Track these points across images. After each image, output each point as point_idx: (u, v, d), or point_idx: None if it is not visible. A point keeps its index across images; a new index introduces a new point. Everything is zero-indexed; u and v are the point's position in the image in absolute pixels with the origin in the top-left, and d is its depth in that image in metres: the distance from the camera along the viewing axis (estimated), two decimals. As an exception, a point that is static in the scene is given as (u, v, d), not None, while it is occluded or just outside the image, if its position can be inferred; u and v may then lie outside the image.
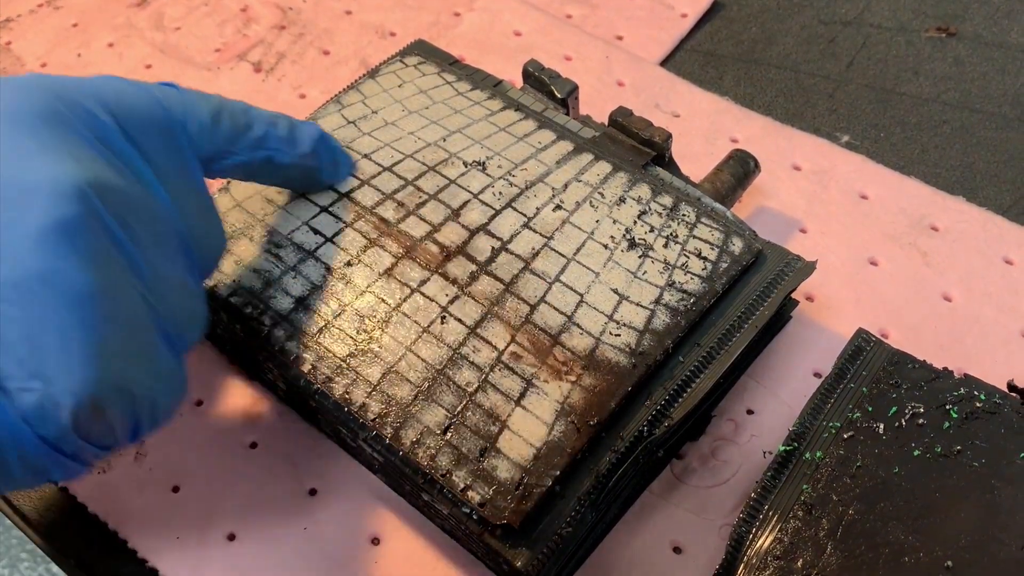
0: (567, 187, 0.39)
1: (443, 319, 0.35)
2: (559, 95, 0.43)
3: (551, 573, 0.33)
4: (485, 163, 0.39)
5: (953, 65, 0.54)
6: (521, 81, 0.45)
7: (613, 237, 0.37)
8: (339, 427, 0.35)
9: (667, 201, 0.39)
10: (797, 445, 0.34)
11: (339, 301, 0.36)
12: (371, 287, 0.36)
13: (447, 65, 0.45)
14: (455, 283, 0.36)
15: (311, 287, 0.36)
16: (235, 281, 0.37)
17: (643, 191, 0.39)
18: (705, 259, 0.37)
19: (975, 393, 0.35)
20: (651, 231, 0.38)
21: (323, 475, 0.38)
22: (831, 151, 0.49)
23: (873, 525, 0.32)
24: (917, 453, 0.33)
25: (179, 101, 0.32)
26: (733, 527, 0.33)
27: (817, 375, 0.40)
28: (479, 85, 0.44)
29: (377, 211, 0.38)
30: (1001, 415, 0.34)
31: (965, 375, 0.36)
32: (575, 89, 0.43)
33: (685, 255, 0.37)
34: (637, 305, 0.35)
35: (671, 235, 0.38)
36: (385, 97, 0.43)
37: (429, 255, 0.36)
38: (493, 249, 0.37)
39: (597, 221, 0.38)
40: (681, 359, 0.35)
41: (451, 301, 0.35)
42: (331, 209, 0.38)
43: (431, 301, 0.35)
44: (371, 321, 0.35)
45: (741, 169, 0.44)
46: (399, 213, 0.38)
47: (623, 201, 0.38)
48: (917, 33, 0.56)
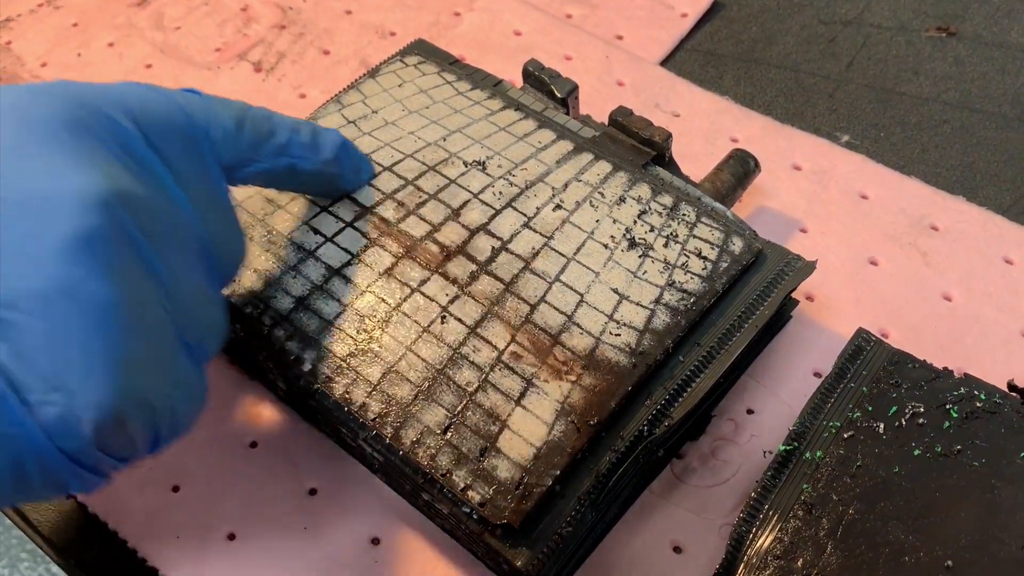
0: (567, 187, 0.39)
1: (443, 319, 0.35)
2: (559, 95, 0.43)
3: (551, 573, 0.33)
4: (485, 163, 0.39)
5: (953, 65, 0.54)
6: (521, 81, 0.45)
7: (613, 237, 0.37)
8: (339, 427, 0.35)
9: (667, 201, 0.39)
10: (797, 445, 0.34)
11: (339, 301, 0.36)
12: (371, 287, 0.36)
13: (447, 65, 0.45)
14: (455, 283, 0.36)
15: (311, 287, 0.36)
16: (235, 281, 0.37)
17: (643, 191, 0.39)
18: (705, 259, 0.37)
19: (975, 393, 0.35)
20: (651, 231, 0.38)
21: (323, 475, 0.38)
22: (831, 151, 0.49)
23: (873, 525, 0.32)
24: (917, 453, 0.33)
25: (202, 108, 0.32)
26: (733, 527, 0.33)
27: (817, 375, 0.40)
28: (479, 85, 0.44)
29: (377, 211, 0.38)
30: (1001, 415, 0.34)
31: (965, 375, 0.36)
32: (575, 89, 0.43)
33: (685, 255, 0.37)
34: (637, 305, 0.35)
35: (671, 235, 0.38)
36: (385, 97, 0.43)
37: (429, 255, 0.36)
38: (493, 249, 0.37)
39: (597, 221, 0.38)
40: (681, 359, 0.35)
41: (451, 301, 0.35)
42: (331, 209, 0.38)
43: (431, 301, 0.35)
44: (371, 321, 0.35)
45: (741, 169, 0.44)
46: (399, 213, 0.38)
47: (623, 201, 0.38)
48: (917, 33, 0.56)
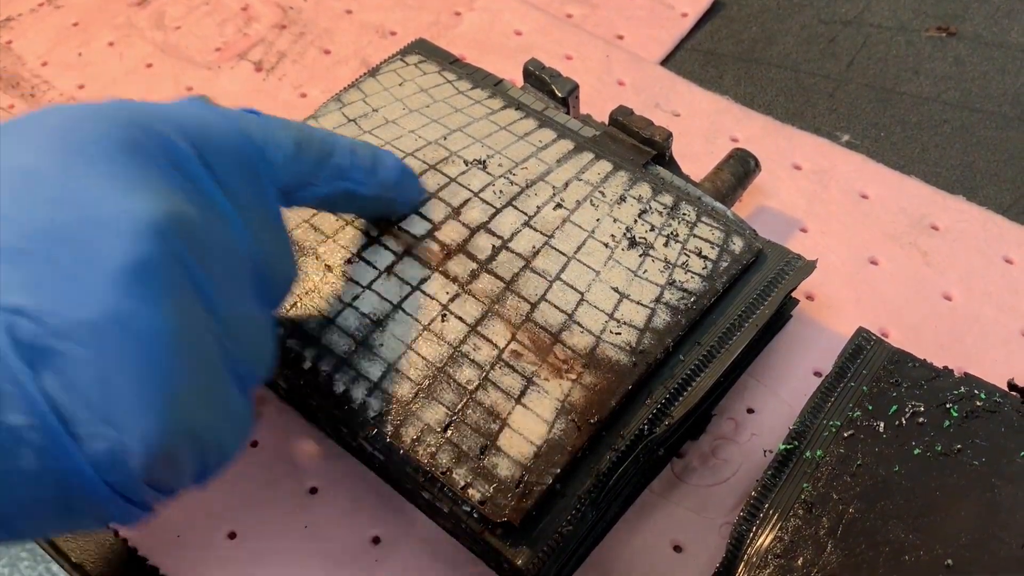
0: (568, 186, 0.39)
1: (443, 317, 0.35)
2: (560, 94, 0.43)
3: (551, 571, 0.33)
4: (486, 161, 0.39)
5: (953, 64, 0.54)
6: (521, 80, 0.45)
7: (614, 236, 0.37)
8: (339, 426, 0.35)
9: (667, 200, 0.39)
10: (797, 444, 0.34)
11: (339, 299, 0.36)
12: (371, 284, 0.36)
13: (448, 64, 0.45)
14: (456, 281, 0.36)
15: (312, 285, 0.36)
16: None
17: (643, 190, 0.39)
18: (705, 258, 0.37)
19: (975, 392, 0.35)
20: (651, 230, 0.38)
21: (323, 474, 0.38)
22: (831, 150, 0.49)
23: (873, 524, 0.32)
24: (917, 452, 0.33)
25: (260, 129, 0.30)
26: (733, 526, 0.33)
27: (817, 374, 0.40)
28: (480, 84, 0.44)
29: (378, 209, 0.38)
30: (1001, 414, 0.34)
31: (965, 374, 0.36)
32: (576, 88, 0.43)
33: (685, 254, 0.37)
34: (637, 304, 0.35)
35: (671, 234, 0.38)
36: (386, 95, 0.43)
37: (429, 253, 0.36)
38: (494, 247, 0.37)
39: (598, 220, 0.38)
40: (682, 358, 0.35)
41: (452, 299, 0.35)
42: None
43: (431, 299, 0.35)
44: (372, 319, 0.35)
45: (741, 168, 0.44)
46: (400, 211, 0.38)
47: (624, 200, 0.38)
48: (917, 33, 0.56)
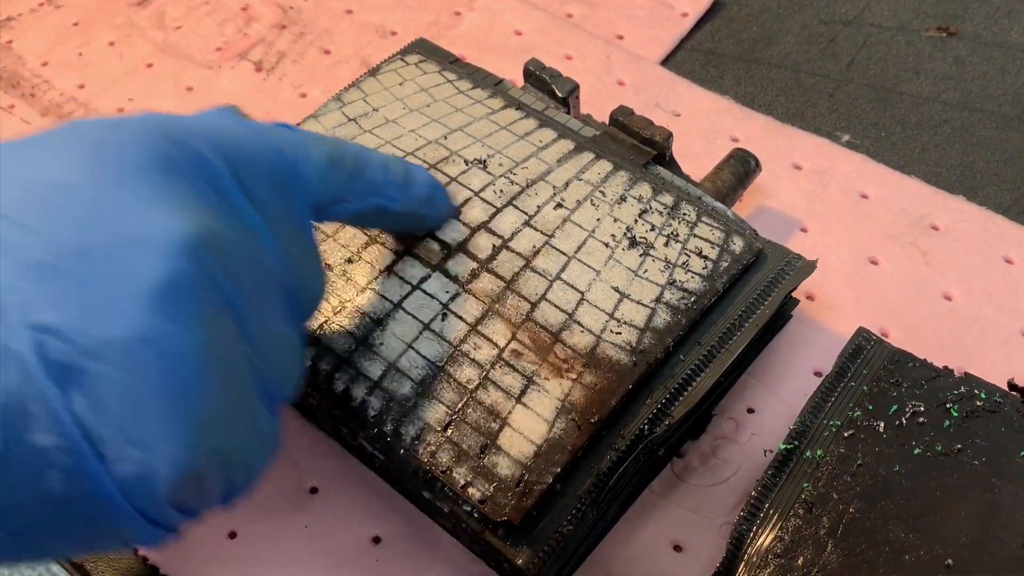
0: (568, 185, 0.39)
1: (444, 316, 0.35)
2: (560, 94, 0.43)
3: (552, 571, 0.33)
4: (486, 161, 0.39)
5: (953, 65, 0.54)
6: (522, 80, 0.45)
7: (614, 235, 0.37)
8: (339, 425, 0.35)
9: (668, 200, 0.39)
10: (798, 443, 0.34)
11: (340, 298, 0.36)
12: (372, 284, 0.36)
13: (448, 64, 0.45)
14: (456, 280, 0.36)
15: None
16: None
17: (644, 190, 0.39)
18: (706, 258, 0.37)
19: (975, 392, 0.35)
20: (652, 230, 0.38)
21: (324, 473, 0.38)
22: (831, 150, 0.49)
23: (874, 523, 0.32)
24: (918, 451, 0.33)
25: (293, 144, 0.30)
26: (734, 525, 0.33)
27: (817, 374, 0.40)
28: (480, 83, 0.44)
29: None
30: (1001, 414, 0.34)
31: (965, 374, 0.36)
32: (576, 88, 0.43)
33: (686, 254, 0.37)
34: (638, 303, 0.35)
35: (672, 234, 0.38)
36: (386, 95, 0.43)
37: (430, 252, 0.36)
38: (494, 247, 0.37)
39: (598, 219, 0.38)
40: (682, 357, 0.35)
41: (452, 298, 0.35)
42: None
43: (432, 298, 0.35)
44: (372, 318, 0.35)
45: (742, 168, 0.44)
46: (400, 211, 0.38)
47: (624, 200, 0.38)
48: (917, 33, 0.56)
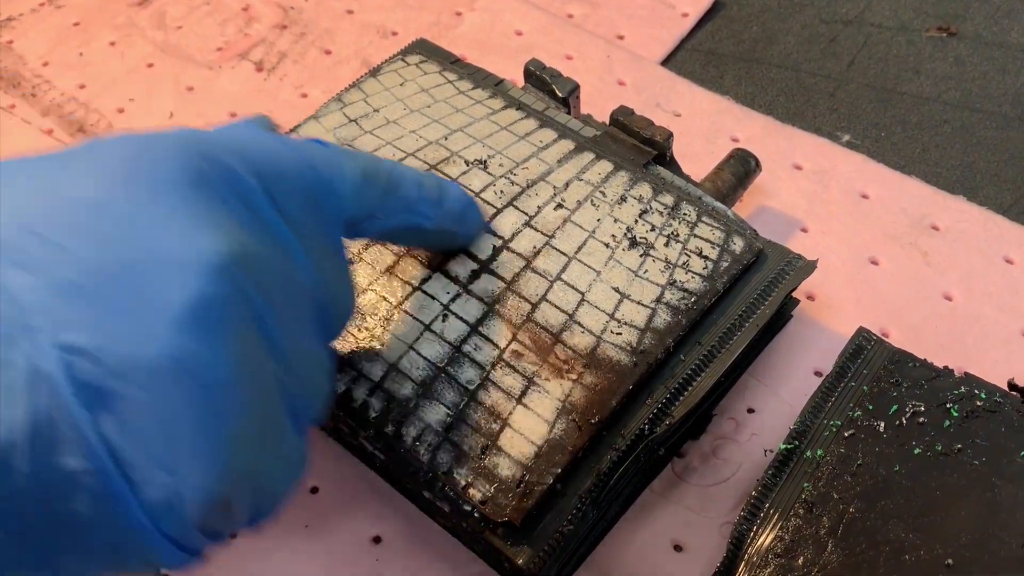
0: (568, 186, 0.39)
1: (444, 317, 0.35)
2: (560, 94, 0.43)
3: (552, 571, 0.33)
4: (486, 161, 0.39)
5: (954, 65, 0.54)
6: (522, 81, 0.45)
7: (614, 236, 0.37)
8: (340, 425, 0.35)
9: (668, 200, 0.39)
10: (798, 443, 0.34)
11: (341, 299, 0.36)
12: (372, 285, 0.36)
13: (449, 64, 0.45)
14: (456, 281, 0.36)
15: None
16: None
17: (644, 190, 0.39)
18: (706, 258, 0.37)
19: (975, 392, 0.35)
20: (652, 230, 0.38)
21: (324, 473, 0.38)
22: (832, 150, 0.49)
23: (874, 523, 0.32)
24: (918, 451, 0.33)
25: (327, 160, 0.29)
26: (734, 525, 0.33)
27: (818, 374, 0.40)
28: (480, 84, 0.44)
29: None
30: (1001, 414, 0.34)
31: (965, 374, 0.36)
32: (576, 88, 0.43)
33: (686, 254, 0.37)
34: (638, 304, 0.35)
35: (672, 234, 0.38)
36: (387, 95, 0.43)
37: (430, 253, 0.36)
38: (494, 247, 0.37)
39: (598, 220, 0.38)
40: (682, 358, 0.35)
41: (452, 299, 0.35)
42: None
43: (432, 299, 0.35)
44: (373, 319, 0.35)
45: (742, 168, 0.44)
46: (400, 211, 0.38)
47: (624, 200, 0.39)
48: (918, 33, 0.56)
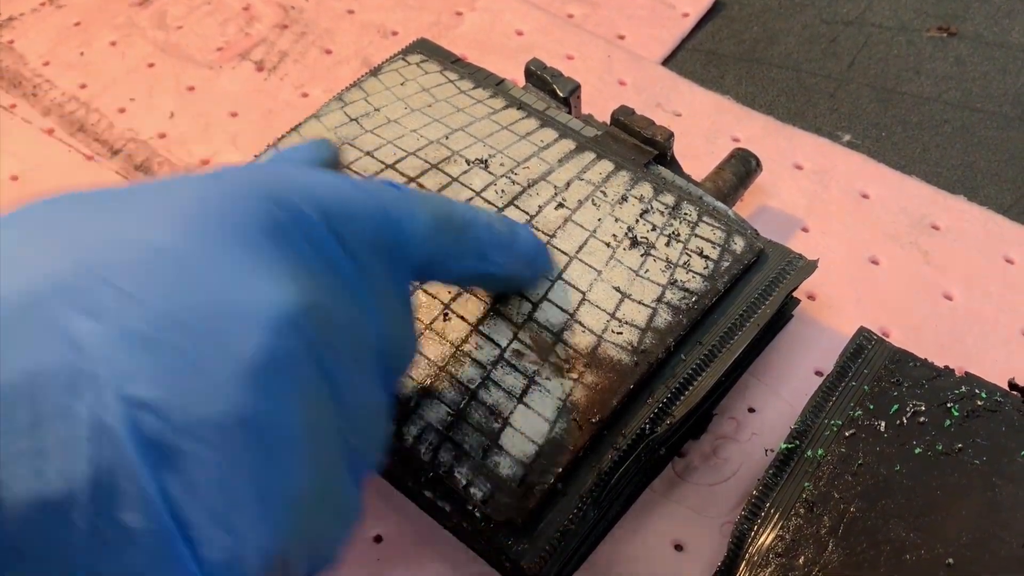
0: (569, 185, 0.39)
1: (445, 316, 0.35)
2: (561, 94, 0.43)
3: (553, 570, 0.33)
4: (487, 161, 0.39)
5: (954, 65, 0.54)
6: (523, 80, 0.45)
7: (615, 235, 0.37)
8: (341, 424, 0.35)
9: (669, 200, 0.39)
10: (799, 443, 0.34)
11: (342, 299, 0.36)
12: (374, 285, 0.36)
13: (449, 63, 0.45)
14: (457, 281, 0.36)
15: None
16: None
17: (645, 190, 0.39)
18: (707, 258, 0.37)
19: (976, 391, 0.35)
20: (653, 230, 0.38)
21: (325, 473, 0.38)
22: (832, 150, 0.49)
23: (874, 523, 0.32)
24: (918, 451, 0.33)
25: (398, 205, 0.28)
26: (735, 525, 0.33)
27: (818, 373, 0.40)
28: (481, 83, 0.44)
29: (379, 209, 0.38)
30: (1002, 413, 0.34)
31: (966, 373, 0.36)
32: (577, 88, 0.44)
33: (687, 254, 0.37)
34: (639, 303, 0.35)
35: (673, 234, 0.38)
36: (387, 95, 0.43)
37: (431, 253, 0.36)
38: (495, 247, 0.37)
39: (599, 219, 0.38)
40: (683, 357, 0.35)
41: (453, 298, 0.35)
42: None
43: (433, 298, 0.35)
44: (373, 319, 0.35)
45: (743, 168, 0.44)
46: (401, 211, 0.38)
47: (625, 200, 0.39)
48: (918, 33, 0.56)
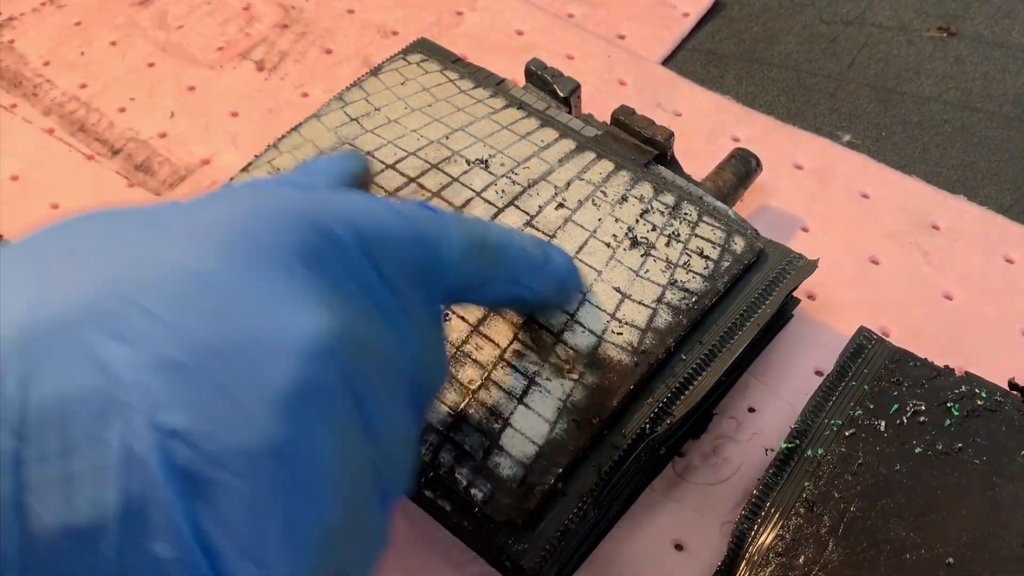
0: (569, 185, 0.39)
1: (446, 317, 0.35)
2: (561, 94, 0.43)
3: (553, 570, 0.33)
4: (488, 161, 0.39)
5: (954, 64, 0.54)
6: (523, 80, 0.45)
7: (615, 235, 0.37)
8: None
9: (669, 200, 0.39)
10: (799, 443, 0.34)
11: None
12: (374, 285, 0.36)
13: (450, 63, 0.45)
14: (458, 281, 0.36)
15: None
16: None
17: (645, 190, 0.39)
18: (707, 258, 0.37)
19: (976, 391, 0.35)
20: (653, 230, 0.38)
21: (326, 472, 0.38)
22: (832, 150, 0.49)
23: (874, 522, 0.32)
24: (918, 451, 0.33)
25: (433, 229, 0.28)
26: (735, 524, 0.33)
27: (819, 373, 0.40)
28: (482, 83, 0.44)
29: (380, 209, 0.38)
30: (1002, 413, 0.34)
31: (966, 373, 0.36)
32: (577, 88, 0.44)
33: (687, 254, 0.37)
34: (639, 303, 0.36)
35: (673, 234, 0.38)
36: (388, 94, 0.43)
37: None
38: (496, 247, 0.37)
39: (599, 219, 0.38)
40: (683, 357, 0.35)
41: (454, 299, 0.35)
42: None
43: (434, 299, 0.35)
44: (374, 319, 0.35)
45: (743, 168, 0.44)
46: (402, 211, 0.38)
47: (625, 200, 0.39)
48: (918, 32, 0.56)
